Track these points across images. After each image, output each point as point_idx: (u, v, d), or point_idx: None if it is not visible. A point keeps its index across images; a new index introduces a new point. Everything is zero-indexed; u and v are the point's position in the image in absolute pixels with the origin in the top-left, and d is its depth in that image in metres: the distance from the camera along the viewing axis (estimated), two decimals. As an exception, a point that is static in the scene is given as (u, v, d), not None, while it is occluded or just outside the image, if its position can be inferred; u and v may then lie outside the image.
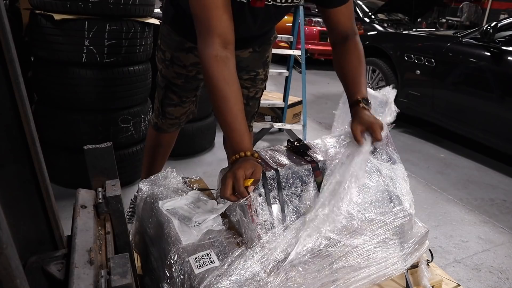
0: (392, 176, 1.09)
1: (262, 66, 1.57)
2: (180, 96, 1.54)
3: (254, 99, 1.65)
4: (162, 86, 1.54)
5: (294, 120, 3.68)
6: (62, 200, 1.88)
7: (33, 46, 2.05)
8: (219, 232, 0.96)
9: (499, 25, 3.12)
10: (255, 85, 1.60)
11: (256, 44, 1.49)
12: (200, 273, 0.84)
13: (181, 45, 1.42)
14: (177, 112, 1.58)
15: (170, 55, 1.46)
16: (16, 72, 0.56)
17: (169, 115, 1.58)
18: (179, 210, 1.02)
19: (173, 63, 1.46)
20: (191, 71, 1.46)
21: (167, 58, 1.47)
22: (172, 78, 1.49)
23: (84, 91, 2.01)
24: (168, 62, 1.47)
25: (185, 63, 1.44)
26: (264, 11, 1.18)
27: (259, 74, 1.58)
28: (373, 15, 7.40)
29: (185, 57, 1.43)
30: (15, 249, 0.42)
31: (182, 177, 1.20)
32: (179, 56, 1.44)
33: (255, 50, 1.50)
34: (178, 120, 1.62)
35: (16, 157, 0.61)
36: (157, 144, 1.70)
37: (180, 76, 1.48)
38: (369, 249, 0.99)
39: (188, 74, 1.47)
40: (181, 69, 1.46)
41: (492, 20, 4.42)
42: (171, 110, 1.57)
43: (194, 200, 1.08)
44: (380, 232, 1.01)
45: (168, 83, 1.51)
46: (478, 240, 2.16)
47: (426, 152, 3.47)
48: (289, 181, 1.00)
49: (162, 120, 1.60)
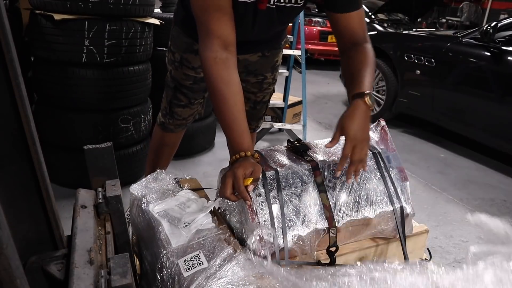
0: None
1: (270, 70, 1.56)
2: (189, 97, 1.54)
3: (261, 103, 1.65)
4: (172, 87, 1.54)
5: (294, 120, 3.68)
6: (62, 200, 1.88)
7: (33, 46, 2.05)
8: (208, 230, 0.96)
9: (499, 25, 3.12)
10: (262, 90, 1.59)
11: (266, 49, 1.47)
12: (189, 276, 0.84)
13: (190, 46, 1.42)
14: (185, 113, 1.59)
15: (179, 56, 1.46)
16: (16, 72, 0.56)
17: (177, 116, 1.59)
18: (170, 212, 1.02)
19: (182, 65, 1.46)
20: (200, 72, 1.45)
21: (177, 59, 1.47)
22: (181, 80, 1.50)
23: (84, 91, 2.01)
24: (177, 64, 1.48)
25: (194, 64, 1.44)
26: (267, 14, 1.15)
27: (267, 78, 1.56)
28: (373, 15, 7.39)
29: (194, 58, 1.43)
30: (15, 249, 0.42)
31: (175, 178, 1.20)
32: (188, 58, 1.44)
33: (264, 55, 1.48)
34: (185, 121, 1.63)
35: (16, 157, 0.61)
36: (163, 143, 1.71)
37: (189, 77, 1.48)
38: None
39: (197, 76, 1.47)
40: (190, 71, 1.46)
41: (492, 20, 4.42)
42: (179, 111, 1.58)
43: (184, 200, 1.07)
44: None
45: (178, 84, 1.52)
46: (478, 240, 2.16)
47: (426, 152, 3.47)
48: (289, 181, 1.00)
49: (170, 120, 1.61)
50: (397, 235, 1.08)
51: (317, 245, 1.00)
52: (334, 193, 1.03)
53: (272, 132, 3.50)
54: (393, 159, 1.14)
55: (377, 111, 4.13)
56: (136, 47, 2.08)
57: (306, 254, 0.99)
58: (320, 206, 1.00)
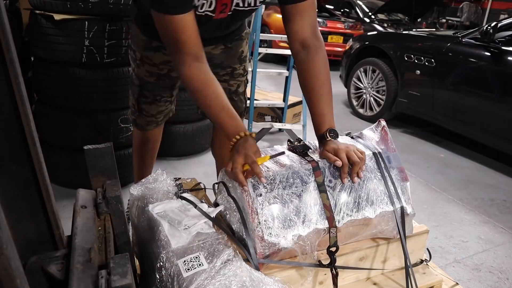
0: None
1: (238, 62, 1.56)
2: (155, 94, 1.54)
3: (237, 94, 1.63)
4: (137, 84, 1.54)
5: (294, 120, 3.68)
6: (62, 200, 1.88)
7: (33, 46, 2.05)
8: (209, 234, 0.96)
9: (499, 25, 3.12)
10: (234, 78, 1.59)
11: (227, 41, 1.49)
12: (188, 276, 0.84)
13: (148, 44, 1.42)
14: (153, 109, 1.58)
15: (139, 54, 1.46)
16: (16, 72, 0.56)
17: (145, 112, 1.59)
18: (169, 213, 1.02)
19: (144, 62, 1.47)
20: (162, 69, 1.47)
21: (138, 57, 1.47)
22: (145, 77, 1.50)
23: (84, 91, 2.01)
24: (139, 62, 1.48)
25: (155, 61, 1.45)
26: (226, 18, 1.20)
27: (236, 69, 1.57)
28: (373, 15, 7.40)
29: (154, 56, 1.43)
30: (15, 249, 0.42)
31: (175, 178, 1.20)
32: (148, 56, 1.45)
33: (227, 46, 1.50)
34: (154, 118, 1.61)
35: (16, 157, 0.61)
36: (141, 142, 1.71)
37: (152, 74, 1.48)
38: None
39: (160, 72, 1.48)
40: (152, 68, 1.47)
41: (492, 20, 4.42)
42: (147, 107, 1.58)
43: (184, 203, 1.08)
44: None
45: (142, 81, 1.52)
46: (478, 240, 2.16)
47: (426, 152, 3.47)
48: (289, 181, 1.00)
49: (139, 117, 1.61)
50: (397, 235, 1.08)
51: (318, 245, 1.00)
52: (334, 193, 1.03)
53: (272, 132, 3.50)
54: (393, 159, 1.14)
55: (377, 111, 4.13)
56: (136, 47, 2.08)
57: (306, 254, 0.99)
58: (321, 206, 1.00)
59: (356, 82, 4.41)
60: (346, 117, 4.34)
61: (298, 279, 0.99)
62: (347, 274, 1.08)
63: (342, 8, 7.84)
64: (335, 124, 1.12)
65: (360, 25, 7.15)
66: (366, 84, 4.27)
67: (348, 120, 4.23)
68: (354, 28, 7.04)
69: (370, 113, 4.24)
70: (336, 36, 6.87)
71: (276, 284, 0.82)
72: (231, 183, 1.03)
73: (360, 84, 4.35)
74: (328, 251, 1.00)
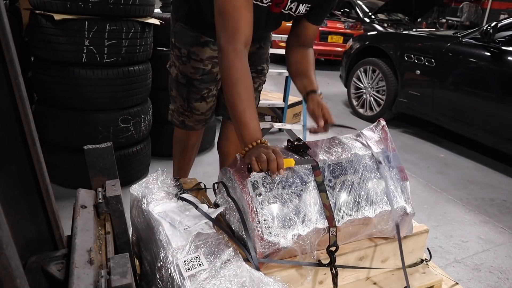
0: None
1: (265, 62, 1.69)
2: (202, 89, 1.57)
3: (257, 92, 1.74)
4: (184, 83, 1.57)
5: (294, 120, 3.68)
6: (62, 200, 1.88)
7: (33, 46, 2.05)
8: (209, 234, 0.96)
9: (499, 25, 3.12)
10: (259, 77, 1.70)
11: (262, 41, 1.62)
12: (189, 276, 0.84)
13: (196, 39, 1.47)
14: (203, 107, 1.61)
15: (186, 51, 1.50)
16: (16, 72, 0.56)
17: (195, 111, 1.61)
18: (170, 213, 1.02)
19: (190, 59, 1.51)
20: (207, 65, 1.51)
21: (184, 54, 1.51)
22: (190, 74, 1.53)
23: (84, 91, 2.01)
24: (185, 58, 1.52)
25: (202, 56, 1.49)
26: (278, 16, 1.31)
27: (264, 68, 1.70)
28: (373, 15, 7.40)
29: (201, 51, 1.49)
30: (15, 249, 0.42)
31: (175, 178, 1.20)
32: (195, 51, 1.49)
33: (261, 46, 1.63)
34: (204, 116, 1.65)
35: (16, 157, 0.61)
36: (187, 143, 1.74)
37: (197, 70, 1.52)
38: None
39: (205, 69, 1.52)
40: (197, 64, 1.51)
41: (492, 20, 4.42)
42: (198, 105, 1.60)
43: (185, 203, 1.08)
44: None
45: (188, 79, 1.55)
46: (478, 240, 2.16)
47: (426, 152, 3.47)
48: (289, 181, 1.00)
49: (189, 117, 1.63)
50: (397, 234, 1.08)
51: (317, 244, 1.00)
52: (334, 192, 1.03)
53: (272, 132, 3.50)
54: (393, 159, 1.14)
55: (377, 111, 4.13)
56: (136, 47, 2.08)
57: (306, 253, 0.99)
58: (320, 206, 1.00)
59: (356, 82, 4.41)
60: (346, 117, 4.34)
61: (298, 278, 0.99)
62: (347, 273, 1.08)
63: (342, 8, 7.84)
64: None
65: (360, 25, 7.15)
66: (366, 84, 4.27)
67: (348, 120, 4.23)
68: (354, 28, 7.04)
69: (370, 113, 4.24)
70: (336, 36, 6.87)
71: (276, 284, 0.82)
72: (230, 184, 1.03)
73: (360, 84, 4.35)
74: (328, 251, 1.00)
